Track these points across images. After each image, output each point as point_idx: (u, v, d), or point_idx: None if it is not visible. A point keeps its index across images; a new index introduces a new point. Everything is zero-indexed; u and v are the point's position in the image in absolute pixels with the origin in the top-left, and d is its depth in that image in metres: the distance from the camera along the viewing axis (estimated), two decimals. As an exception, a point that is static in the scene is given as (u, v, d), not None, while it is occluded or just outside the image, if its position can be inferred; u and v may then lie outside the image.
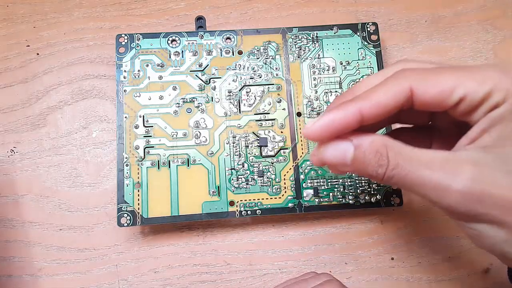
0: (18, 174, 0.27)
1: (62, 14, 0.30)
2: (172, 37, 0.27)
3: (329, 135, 0.16)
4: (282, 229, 0.27)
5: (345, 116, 0.16)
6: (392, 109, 0.16)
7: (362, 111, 0.16)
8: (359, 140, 0.16)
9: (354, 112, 0.16)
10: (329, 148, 0.17)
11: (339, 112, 0.16)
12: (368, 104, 0.16)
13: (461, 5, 0.31)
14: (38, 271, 0.26)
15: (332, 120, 0.16)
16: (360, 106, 0.16)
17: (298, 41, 0.28)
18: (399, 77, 0.16)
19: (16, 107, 0.28)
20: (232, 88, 0.27)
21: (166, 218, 0.24)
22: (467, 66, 0.16)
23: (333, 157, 0.17)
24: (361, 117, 0.16)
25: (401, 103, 0.15)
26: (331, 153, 0.17)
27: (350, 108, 0.16)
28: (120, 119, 0.26)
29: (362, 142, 0.16)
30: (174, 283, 0.26)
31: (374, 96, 0.16)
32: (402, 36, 0.30)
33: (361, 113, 0.16)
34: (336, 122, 0.16)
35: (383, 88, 0.16)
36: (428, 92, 0.15)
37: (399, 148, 0.15)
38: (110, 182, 0.27)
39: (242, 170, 0.26)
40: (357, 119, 0.16)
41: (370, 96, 0.16)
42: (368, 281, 0.26)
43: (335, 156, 0.17)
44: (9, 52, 0.29)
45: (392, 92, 0.15)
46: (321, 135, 0.16)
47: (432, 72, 0.15)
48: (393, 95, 0.15)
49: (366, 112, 0.16)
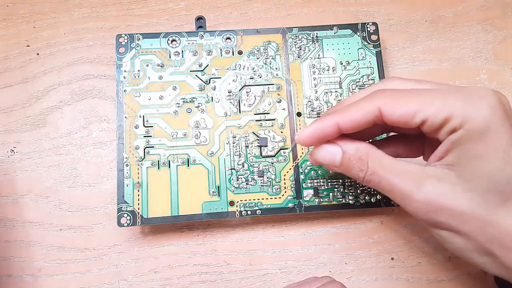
0: (18, 174, 0.27)
1: (62, 14, 0.30)
2: (172, 37, 0.27)
3: (316, 142, 0.20)
4: (282, 229, 0.27)
5: (325, 126, 0.19)
6: (364, 124, 0.18)
7: (339, 124, 0.19)
8: (347, 146, 0.19)
9: (332, 124, 0.19)
10: (321, 150, 0.20)
11: (320, 124, 0.19)
12: (343, 119, 0.19)
13: (461, 5, 0.31)
14: (38, 271, 0.26)
15: (315, 130, 0.19)
16: (337, 120, 0.19)
17: (298, 41, 0.28)
18: (372, 98, 0.18)
19: (16, 107, 0.28)
20: (232, 88, 0.27)
21: (166, 218, 0.24)
22: (435, 90, 0.18)
23: (324, 158, 0.20)
24: (338, 129, 0.19)
25: (371, 120, 0.18)
26: (323, 154, 0.20)
27: (329, 121, 0.19)
28: (120, 119, 0.26)
29: (348, 149, 0.19)
30: (174, 283, 0.26)
31: (349, 113, 0.18)
32: (402, 36, 0.30)
33: (338, 126, 0.19)
34: (318, 131, 0.19)
35: (358, 106, 0.18)
36: (394, 114, 0.17)
37: (378, 157, 0.18)
38: (110, 182, 0.27)
39: (242, 170, 0.26)
40: (335, 130, 0.19)
41: (346, 112, 0.19)
42: (368, 281, 0.26)
43: (326, 157, 0.20)
44: (9, 52, 0.29)
45: (364, 111, 0.18)
46: (308, 142, 0.20)
47: (401, 96, 0.18)
48: (364, 113, 0.18)
49: (342, 125, 0.19)
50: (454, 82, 0.30)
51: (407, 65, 0.30)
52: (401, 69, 0.30)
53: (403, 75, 0.30)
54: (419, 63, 0.30)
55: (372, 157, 0.19)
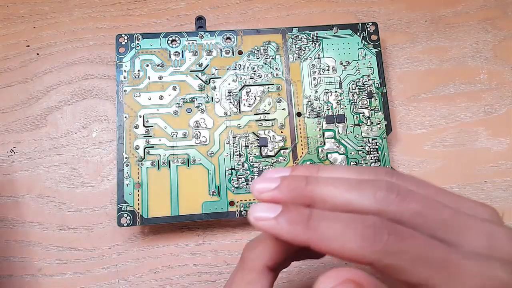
0: (18, 174, 0.27)
1: (62, 14, 0.30)
2: (172, 37, 0.27)
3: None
4: (282, 229, 0.27)
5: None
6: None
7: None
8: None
9: (303, 243, 0.13)
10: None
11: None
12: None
13: (461, 5, 0.31)
14: (38, 271, 0.26)
15: (276, 233, 0.14)
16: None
17: (298, 41, 0.28)
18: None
19: (16, 107, 0.28)
20: (232, 88, 0.27)
21: (166, 218, 0.24)
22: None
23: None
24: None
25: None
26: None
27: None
28: (120, 119, 0.26)
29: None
30: (174, 283, 0.26)
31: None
32: (402, 36, 0.30)
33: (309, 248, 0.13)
34: (281, 237, 0.14)
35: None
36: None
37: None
38: (110, 182, 0.27)
39: (242, 170, 0.26)
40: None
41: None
42: (368, 281, 0.26)
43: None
44: (9, 52, 0.29)
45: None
46: None
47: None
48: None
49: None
50: (454, 82, 0.30)
51: (407, 65, 0.30)
52: (401, 69, 0.30)
53: (403, 75, 0.30)
54: (419, 63, 0.30)
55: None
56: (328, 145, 0.26)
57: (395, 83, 0.30)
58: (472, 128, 0.29)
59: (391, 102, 0.29)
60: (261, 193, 0.15)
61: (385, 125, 0.27)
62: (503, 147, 0.29)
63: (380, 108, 0.27)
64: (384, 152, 0.26)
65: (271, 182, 0.15)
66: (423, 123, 0.29)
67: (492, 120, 0.29)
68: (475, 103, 0.29)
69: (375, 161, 0.26)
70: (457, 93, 0.30)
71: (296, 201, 0.14)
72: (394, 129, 0.28)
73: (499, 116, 0.29)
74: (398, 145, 0.29)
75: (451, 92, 0.30)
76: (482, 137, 0.29)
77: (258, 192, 0.15)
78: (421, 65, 0.30)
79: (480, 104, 0.29)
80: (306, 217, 0.13)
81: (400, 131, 0.29)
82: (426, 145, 0.29)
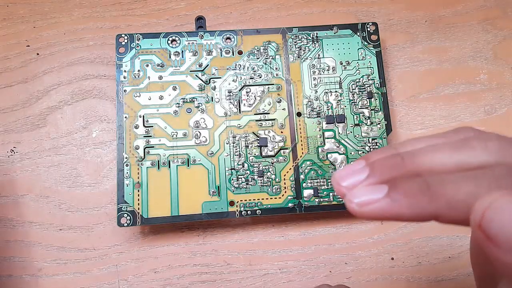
0: (18, 174, 0.27)
1: (62, 14, 0.30)
2: (172, 37, 0.27)
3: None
4: (282, 229, 0.27)
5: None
6: None
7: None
8: None
9: (431, 216, 0.12)
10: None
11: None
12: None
13: (461, 5, 0.31)
14: (38, 271, 0.26)
15: (396, 214, 0.12)
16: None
17: (298, 41, 0.28)
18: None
19: (16, 107, 0.28)
20: (232, 88, 0.27)
21: (166, 218, 0.24)
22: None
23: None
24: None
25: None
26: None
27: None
28: (120, 119, 0.26)
29: None
30: (174, 283, 0.26)
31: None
32: (402, 36, 0.30)
33: (438, 219, 0.12)
34: (402, 217, 0.12)
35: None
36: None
37: None
38: (110, 182, 0.27)
39: (242, 170, 0.26)
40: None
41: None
42: (368, 281, 0.26)
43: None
44: (9, 52, 0.29)
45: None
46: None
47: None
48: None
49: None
50: (454, 82, 0.30)
51: (407, 65, 0.30)
52: (401, 69, 0.30)
53: (403, 75, 0.30)
54: (419, 63, 0.30)
55: None
56: (328, 145, 0.26)
57: (395, 83, 0.30)
58: (472, 128, 0.29)
59: (391, 102, 0.29)
60: (354, 186, 0.12)
61: (385, 125, 0.27)
62: (503, 147, 0.29)
63: (380, 108, 0.27)
64: (384, 152, 0.26)
65: (358, 173, 0.12)
66: (423, 123, 0.29)
67: (492, 120, 0.29)
68: (475, 103, 0.29)
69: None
70: (457, 93, 0.30)
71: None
72: (394, 129, 0.28)
73: (499, 116, 0.29)
74: (398, 145, 0.29)
75: (451, 92, 0.30)
76: (482, 137, 0.29)
77: (349, 187, 0.12)
78: (421, 65, 0.30)
79: (480, 104, 0.29)
80: (425, 186, 0.11)
81: (400, 131, 0.29)
82: (426, 145, 0.29)
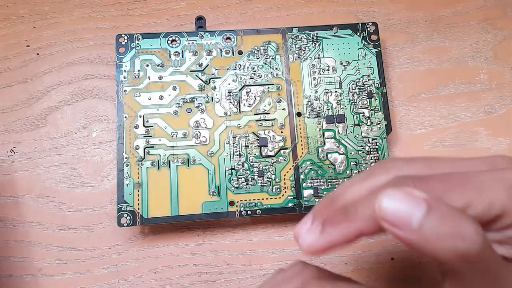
0: (18, 174, 0.27)
1: (62, 14, 0.30)
2: (172, 37, 0.27)
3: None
4: (282, 229, 0.27)
5: (346, 237, 0.14)
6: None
7: (362, 232, 0.13)
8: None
9: (355, 234, 0.13)
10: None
11: (339, 234, 0.14)
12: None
13: (461, 5, 0.31)
14: (38, 271, 0.26)
15: (333, 242, 0.14)
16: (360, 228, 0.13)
17: (298, 41, 0.28)
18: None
19: (16, 107, 0.28)
20: (232, 88, 0.27)
21: (166, 218, 0.24)
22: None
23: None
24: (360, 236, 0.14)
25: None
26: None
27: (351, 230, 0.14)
28: (120, 119, 0.26)
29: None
30: (174, 283, 0.26)
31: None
32: (402, 36, 0.30)
33: (361, 234, 0.13)
34: (337, 242, 0.14)
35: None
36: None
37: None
38: (110, 182, 0.27)
39: (242, 170, 0.26)
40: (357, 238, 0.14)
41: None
42: (368, 281, 0.26)
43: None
44: (9, 52, 0.29)
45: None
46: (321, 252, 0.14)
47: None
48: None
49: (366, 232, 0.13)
50: (454, 82, 0.30)
51: (407, 65, 0.30)
52: (401, 69, 0.30)
53: (403, 75, 0.30)
54: (419, 63, 0.30)
55: None
56: (328, 145, 0.26)
57: (395, 83, 0.30)
58: (472, 128, 0.29)
59: (391, 102, 0.29)
60: (305, 233, 0.14)
61: (385, 125, 0.27)
62: (503, 147, 0.29)
63: (380, 108, 0.27)
64: (384, 152, 0.26)
65: (305, 223, 0.15)
66: (423, 123, 0.29)
67: (492, 120, 0.29)
68: (475, 103, 0.29)
69: (375, 161, 0.26)
70: (457, 93, 0.30)
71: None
72: (394, 129, 0.28)
73: (499, 116, 0.29)
74: (398, 145, 0.29)
75: (451, 92, 0.30)
76: (482, 137, 0.29)
77: (302, 235, 0.15)
78: (421, 65, 0.30)
79: (480, 104, 0.29)
80: (345, 213, 0.14)
81: (400, 131, 0.29)
82: (426, 145, 0.29)
